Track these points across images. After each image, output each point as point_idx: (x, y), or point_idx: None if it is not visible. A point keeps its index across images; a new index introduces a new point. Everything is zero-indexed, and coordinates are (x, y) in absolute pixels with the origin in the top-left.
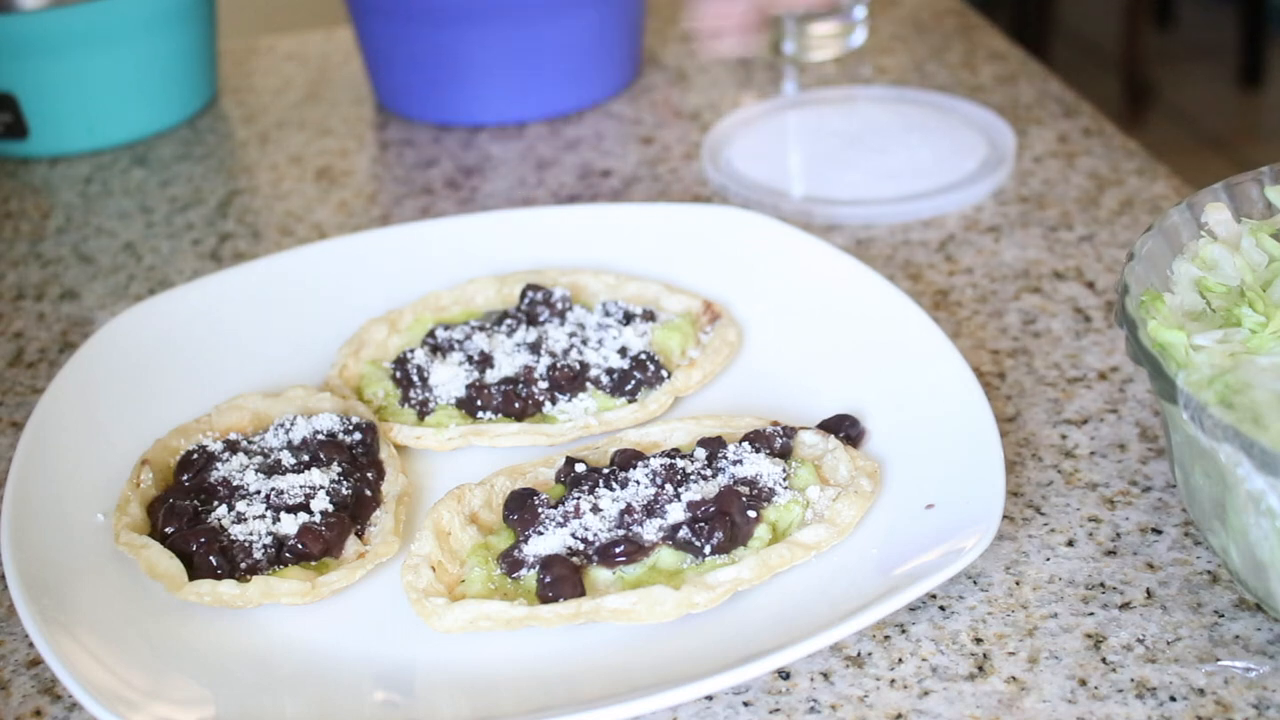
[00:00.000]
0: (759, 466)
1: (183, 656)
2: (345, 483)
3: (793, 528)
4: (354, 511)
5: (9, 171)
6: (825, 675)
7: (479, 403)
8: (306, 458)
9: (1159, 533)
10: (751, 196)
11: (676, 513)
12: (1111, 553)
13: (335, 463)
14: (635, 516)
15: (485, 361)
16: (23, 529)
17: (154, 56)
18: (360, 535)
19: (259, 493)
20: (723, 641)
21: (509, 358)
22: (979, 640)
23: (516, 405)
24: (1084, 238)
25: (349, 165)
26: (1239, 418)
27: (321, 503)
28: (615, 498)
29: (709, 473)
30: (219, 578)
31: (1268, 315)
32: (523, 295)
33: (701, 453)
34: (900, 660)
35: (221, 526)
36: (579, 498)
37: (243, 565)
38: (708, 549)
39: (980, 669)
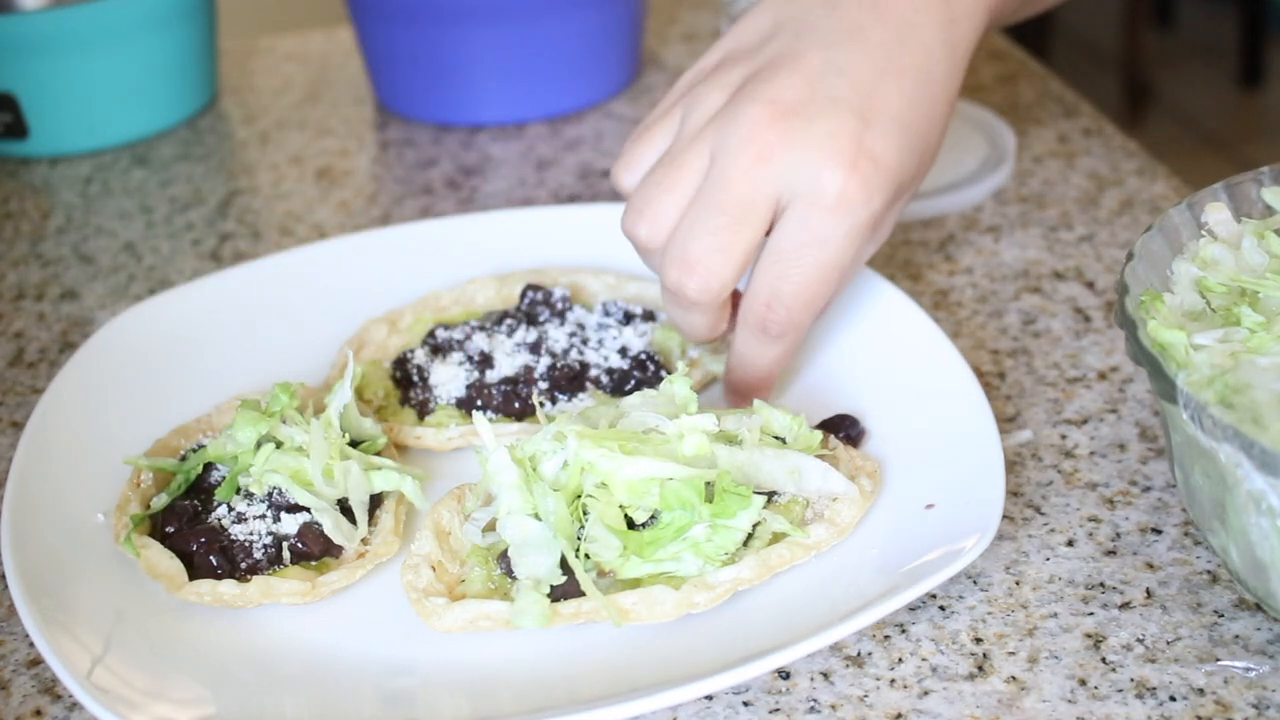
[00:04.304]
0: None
1: (183, 656)
2: None
3: (793, 528)
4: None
5: (9, 171)
6: (825, 675)
7: (479, 403)
8: None
9: (1159, 533)
10: None
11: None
12: (1111, 553)
13: None
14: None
15: (485, 361)
16: (23, 529)
17: (154, 56)
18: None
19: (259, 492)
20: (723, 641)
21: (509, 358)
22: (979, 640)
23: (516, 405)
24: (1084, 238)
25: (349, 165)
26: (1239, 418)
27: None
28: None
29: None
30: (219, 578)
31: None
32: (523, 295)
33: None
34: (900, 660)
35: (221, 526)
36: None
37: (243, 565)
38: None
39: (980, 669)
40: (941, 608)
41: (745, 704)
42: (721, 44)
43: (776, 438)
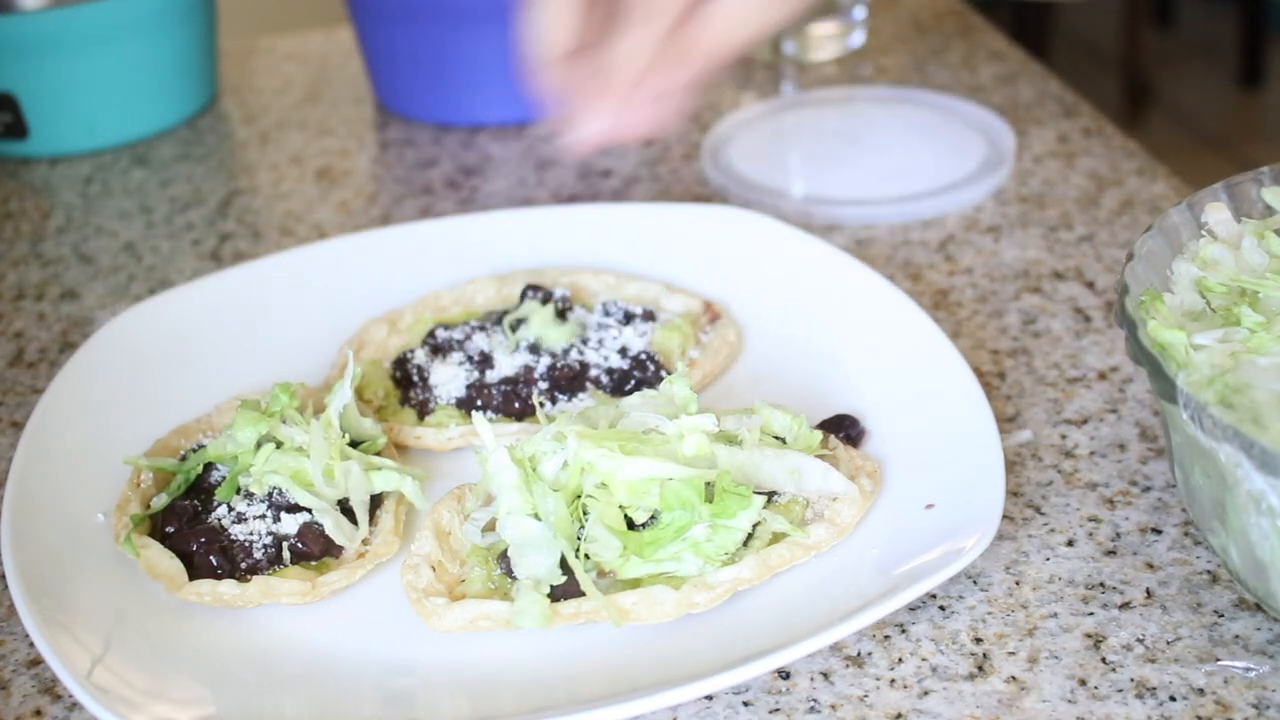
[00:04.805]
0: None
1: (183, 656)
2: None
3: (793, 528)
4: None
5: (9, 171)
6: (825, 675)
7: (479, 403)
8: None
9: (1159, 533)
10: (751, 196)
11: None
12: (1111, 553)
13: None
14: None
15: (485, 361)
16: (23, 529)
17: (154, 56)
18: None
19: (259, 492)
20: (723, 641)
21: (509, 358)
22: (979, 640)
23: (516, 405)
24: (1084, 238)
25: (349, 165)
26: (1239, 418)
27: None
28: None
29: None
30: (219, 578)
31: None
32: (523, 295)
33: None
34: (900, 660)
35: (221, 526)
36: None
37: (243, 565)
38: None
39: (980, 669)
40: (941, 608)
41: (745, 704)
42: None
43: (776, 438)
